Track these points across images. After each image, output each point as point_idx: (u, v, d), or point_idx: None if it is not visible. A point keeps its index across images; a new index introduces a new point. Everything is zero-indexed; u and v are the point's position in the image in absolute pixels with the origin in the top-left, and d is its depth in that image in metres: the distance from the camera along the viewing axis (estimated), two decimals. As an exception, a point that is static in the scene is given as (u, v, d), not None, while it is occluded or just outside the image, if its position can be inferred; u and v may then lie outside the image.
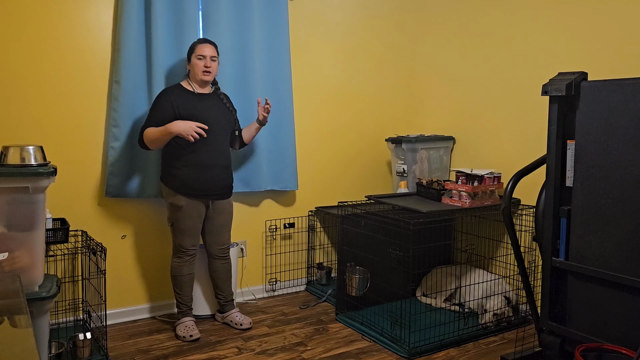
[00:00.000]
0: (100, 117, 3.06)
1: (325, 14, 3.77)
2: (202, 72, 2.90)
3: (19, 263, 2.13)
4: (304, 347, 2.87)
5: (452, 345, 2.87)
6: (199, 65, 2.89)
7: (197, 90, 2.95)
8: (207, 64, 2.90)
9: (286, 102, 3.53)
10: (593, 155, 2.19)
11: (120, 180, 3.06)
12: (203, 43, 2.92)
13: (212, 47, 2.94)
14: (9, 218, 2.13)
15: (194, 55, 2.90)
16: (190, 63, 2.93)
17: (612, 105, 2.13)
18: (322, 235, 3.91)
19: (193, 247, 2.98)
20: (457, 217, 3.56)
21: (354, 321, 3.15)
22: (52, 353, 2.56)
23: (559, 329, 2.34)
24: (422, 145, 3.64)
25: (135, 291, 3.24)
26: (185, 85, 2.96)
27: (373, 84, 4.02)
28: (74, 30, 2.94)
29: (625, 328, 2.12)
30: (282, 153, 3.56)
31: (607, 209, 2.16)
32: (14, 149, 2.18)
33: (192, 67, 2.93)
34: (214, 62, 2.92)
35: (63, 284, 2.94)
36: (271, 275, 3.72)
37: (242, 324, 3.08)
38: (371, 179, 4.08)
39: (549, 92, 2.27)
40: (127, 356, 2.74)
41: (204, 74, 2.91)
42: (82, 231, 2.97)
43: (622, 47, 2.78)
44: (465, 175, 3.11)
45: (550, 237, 2.35)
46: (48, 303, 2.23)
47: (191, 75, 2.96)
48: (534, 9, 3.23)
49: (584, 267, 2.23)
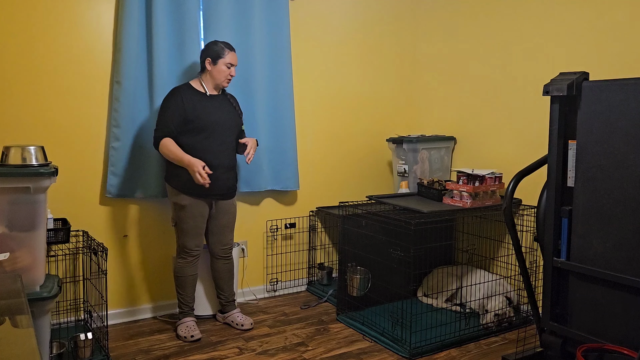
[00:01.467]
0: (101, 117, 3.06)
1: (326, 14, 3.77)
2: (226, 80, 2.94)
3: (20, 263, 2.13)
4: (305, 347, 2.87)
5: (453, 346, 2.87)
6: (225, 73, 2.91)
7: (209, 92, 2.95)
8: (233, 74, 2.94)
9: (287, 102, 3.53)
10: (594, 156, 2.19)
11: (121, 180, 3.06)
12: (233, 51, 2.93)
13: (236, 55, 2.98)
14: (10, 218, 2.13)
15: (223, 62, 2.89)
16: (216, 67, 2.90)
17: (613, 106, 2.12)
18: (323, 235, 3.91)
19: (197, 247, 2.98)
20: (458, 217, 3.56)
21: (355, 321, 3.15)
22: (53, 353, 2.56)
23: (561, 329, 2.34)
24: (423, 146, 3.64)
25: (137, 291, 3.24)
26: (195, 85, 2.94)
27: (374, 84, 4.02)
28: (75, 30, 2.94)
29: (626, 328, 2.12)
30: (283, 153, 3.56)
31: (608, 209, 2.15)
32: (15, 149, 2.18)
33: (215, 71, 2.90)
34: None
35: (64, 284, 2.94)
36: (272, 276, 3.72)
37: (243, 324, 3.08)
38: (372, 179, 4.08)
39: (550, 92, 2.27)
40: (128, 356, 2.74)
41: (227, 82, 2.95)
42: (83, 231, 2.97)
43: (624, 47, 2.78)
44: (467, 176, 3.10)
45: (552, 237, 2.35)
46: (49, 303, 2.23)
47: (209, 76, 2.93)
48: (535, 9, 3.22)
49: (585, 267, 2.23)
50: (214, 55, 2.89)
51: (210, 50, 2.91)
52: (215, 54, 2.89)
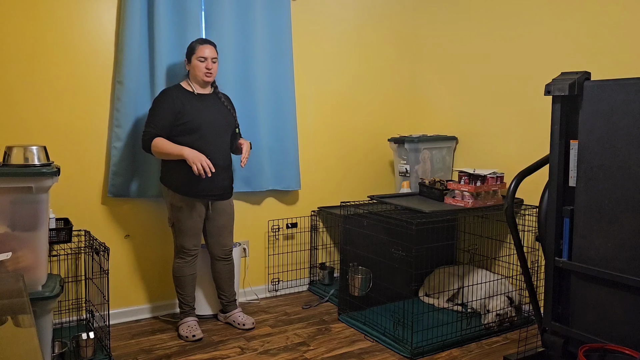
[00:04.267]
0: (103, 117, 3.07)
1: (328, 14, 3.77)
2: (204, 74, 2.88)
3: (22, 262, 2.14)
4: (307, 347, 2.87)
5: (455, 346, 2.87)
6: (201, 67, 2.86)
7: (197, 91, 2.93)
8: (209, 66, 2.87)
9: (288, 101, 3.53)
10: (596, 155, 2.19)
11: (123, 180, 3.06)
12: (204, 44, 2.88)
13: (213, 48, 2.90)
14: (12, 218, 2.14)
15: (195, 57, 2.86)
16: (191, 64, 2.89)
17: (615, 105, 2.12)
18: (324, 235, 3.91)
19: (194, 247, 2.98)
20: (459, 217, 3.56)
21: (357, 321, 3.15)
22: (55, 352, 2.57)
23: (562, 329, 2.33)
24: (425, 145, 3.64)
25: (138, 291, 3.25)
26: (185, 85, 2.93)
27: (375, 83, 4.02)
28: (77, 31, 2.95)
29: (628, 328, 2.12)
30: (284, 153, 3.56)
31: (610, 208, 2.15)
32: (17, 149, 2.18)
33: (192, 69, 2.89)
34: (214, 64, 2.90)
35: (66, 283, 2.94)
36: (274, 275, 3.72)
37: (244, 324, 3.08)
38: (374, 179, 4.08)
39: (552, 91, 2.27)
40: (130, 356, 2.75)
41: (206, 76, 2.89)
42: (85, 231, 2.98)
43: (625, 47, 2.77)
44: (468, 175, 3.10)
45: (553, 237, 2.34)
46: (51, 302, 2.23)
47: (191, 76, 2.93)
48: (537, 8, 3.22)
49: (587, 267, 2.22)
50: (188, 53, 2.90)
51: (186, 50, 2.93)
52: (189, 52, 2.90)
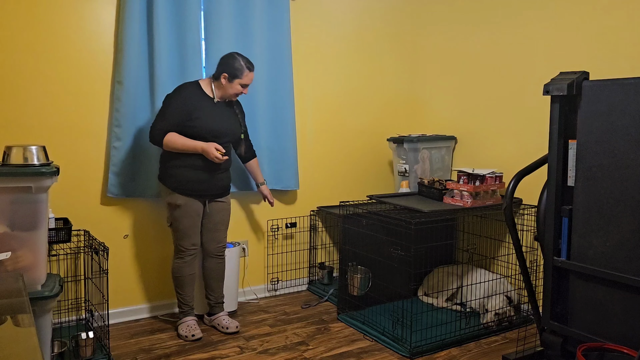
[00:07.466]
0: (102, 117, 3.07)
1: (327, 14, 3.77)
2: (235, 96, 2.93)
3: (21, 262, 2.14)
4: (306, 346, 2.87)
5: (454, 345, 2.87)
6: (238, 91, 2.90)
7: (216, 99, 2.93)
8: (246, 92, 2.94)
9: (287, 101, 3.53)
10: (594, 155, 2.19)
11: (122, 180, 3.06)
12: (252, 71, 2.90)
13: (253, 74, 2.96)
14: (11, 217, 2.13)
15: (239, 82, 2.86)
16: (231, 84, 2.86)
17: (613, 105, 2.12)
18: (323, 234, 3.91)
19: (193, 246, 2.98)
20: (458, 216, 3.56)
21: (356, 320, 3.16)
22: (54, 352, 2.57)
23: (561, 329, 2.34)
24: (424, 145, 3.64)
25: (138, 290, 3.25)
26: (205, 87, 2.92)
27: (375, 83, 4.02)
28: (76, 31, 2.95)
29: (627, 327, 2.12)
30: (283, 153, 3.56)
31: (608, 208, 2.16)
32: (16, 148, 2.18)
33: (229, 87, 2.87)
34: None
35: (65, 283, 2.94)
36: (273, 275, 3.73)
37: (228, 327, 3.04)
38: (373, 178, 4.08)
39: (550, 91, 2.27)
40: (129, 355, 2.75)
41: (235, 97, 2.95)
42: (85, 231, 2.98)
43: (624, 47, 2.78)
44: (467, 175, 3.11)
45: (552, 237, 2.35)
46: (51, 302, 2.23)
47: (222, 87, 2.89)
48: (536, 8, 3.23)
49: (586, 267, 2.23)
50: (231, 74, 2.86)
51: (229, 66, 2.86)
52: (234, 73, 2.85)
